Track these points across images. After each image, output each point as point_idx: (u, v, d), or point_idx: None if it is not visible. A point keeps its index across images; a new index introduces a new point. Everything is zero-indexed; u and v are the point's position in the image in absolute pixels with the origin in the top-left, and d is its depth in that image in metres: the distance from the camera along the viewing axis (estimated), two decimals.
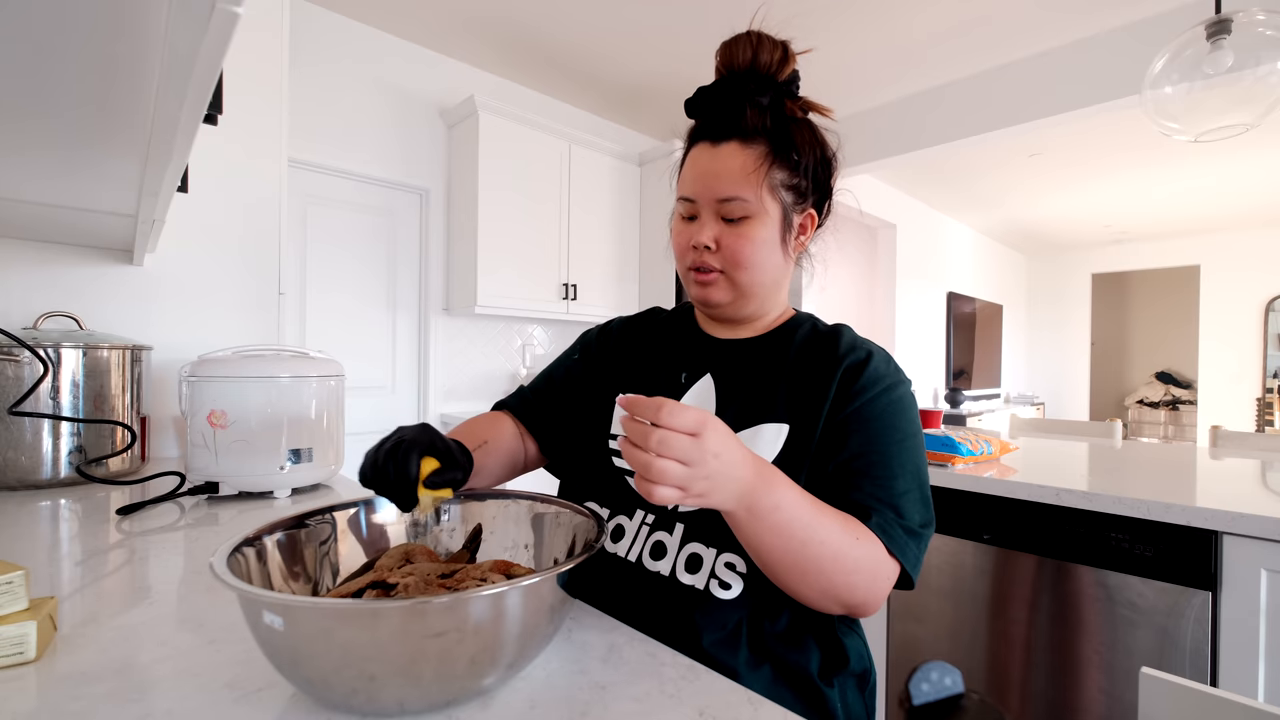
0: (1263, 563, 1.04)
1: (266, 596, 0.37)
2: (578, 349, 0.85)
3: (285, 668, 0.39)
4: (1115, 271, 7.44)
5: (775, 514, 0.51)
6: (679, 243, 0.70)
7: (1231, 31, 1.45)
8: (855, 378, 0.64)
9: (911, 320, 5.27)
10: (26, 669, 0.46)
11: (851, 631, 0.68)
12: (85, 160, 0.78)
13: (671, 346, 0.77)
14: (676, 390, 0.71)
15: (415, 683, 0.38)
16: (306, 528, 0.55)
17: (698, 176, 0.66)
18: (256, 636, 0.39)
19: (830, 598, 0.56)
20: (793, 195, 0.67)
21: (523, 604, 0.41)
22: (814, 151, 0.68)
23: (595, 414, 0.76)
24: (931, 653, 1.46)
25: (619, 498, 0.70)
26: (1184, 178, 4.79)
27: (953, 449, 1.50)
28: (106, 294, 1.38)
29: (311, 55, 2.49)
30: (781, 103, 0.67)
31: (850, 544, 0.55)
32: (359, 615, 0.37)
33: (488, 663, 0.41)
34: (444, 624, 0.38)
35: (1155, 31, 2.55)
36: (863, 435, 0.62)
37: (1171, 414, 7.80)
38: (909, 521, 0.59)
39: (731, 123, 0.65)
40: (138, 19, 0.43)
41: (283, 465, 1.03)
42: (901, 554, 0.57)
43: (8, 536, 0.80)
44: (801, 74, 0.70)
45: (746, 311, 0.72)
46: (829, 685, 0.62)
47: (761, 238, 0.65)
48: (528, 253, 2.92)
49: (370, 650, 0.37)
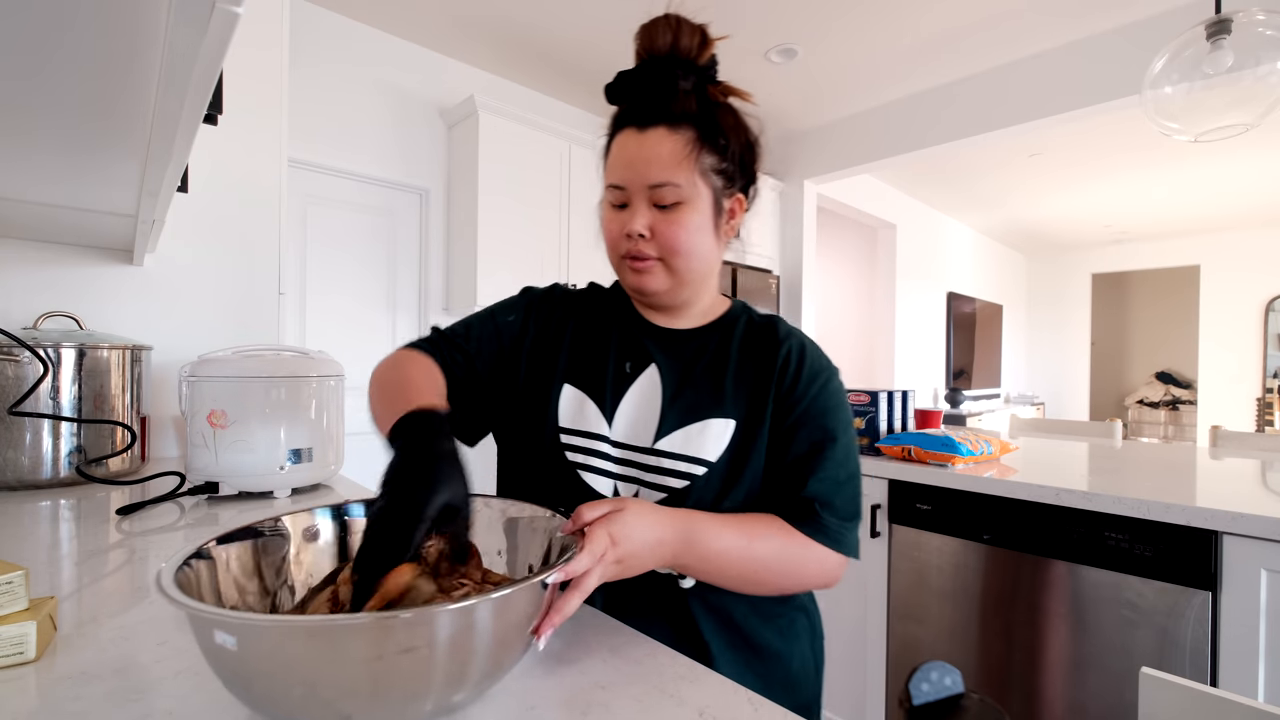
0: (1263, 563, 1.04)
1: (219, 615, 0.34)
2: (517, 311, 0.77)
3: (239, 690, 0.37)
4: (1115, 271, 7.44)
5: (705, 563, 0.58)
6: (611, 231, 0.68)
7: (1231, 31, 1.45)
8: (797, 373, 0.68)
9: (911, 320, 5.27)
10: (26, 669, 0.46)
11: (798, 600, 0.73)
12: (85, 160, 0.78)
13: (613, 332, 0.73)
14: (622, 381, 0.70)
15: (367, 704, 0.35)
16: (264, 536, 0.50)
17: (627, 163, 0.65)
18: (208, 657, 0.36)
19: (784, 591, 0.65)
20: (722, 179, 0.67)
21: (494, 617, 0.38)
22: (739, 136, 0.68)
23: (530, 396, 0.71)
24: (931, 653, 1.46)
25: (574, 493, 0.67)
26: (1184, 178, 4.79)
27: (953, 449, 1.50)
28: (106, 294, 1.38)
29: (311, 55, 2.49)
30: (704, 87, 0.66)
31: (791, 551, 0.61)
32: (304, 633, 0.34)
33: (456, 679, 0.38)
34: (407, 640, 0.35)
35: (1155, 32, 2.55)
36: (807, 432, 0.66)
37: (1171, 414, 7.80)
38: (844, 513, 0.65)
39: (657, 107, 0.64)
40: (138, 19, 0.43)
41: (283, 465, 1.03)
42: (845, 547, 0.64)
43: (8, 536, 0.80)
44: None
45: (682, 298, 0.71)
46: (788, 650, 0.68)
47: (695, 223, 0.65)
48: (528, 253, 2.92)
49: (317, 670, 0.34)
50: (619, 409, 0.68)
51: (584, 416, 0.68)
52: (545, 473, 0.68)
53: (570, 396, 0.70)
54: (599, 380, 0.70)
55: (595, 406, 0.68)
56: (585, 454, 0.67)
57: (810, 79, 3.12)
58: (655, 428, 0.66)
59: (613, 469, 0.67)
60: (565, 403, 0.69)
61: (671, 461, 0.65)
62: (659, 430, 0.66)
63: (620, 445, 0.67)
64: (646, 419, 0.67)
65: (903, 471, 1.52)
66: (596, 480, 0.66)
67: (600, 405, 0.68)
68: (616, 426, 0.68)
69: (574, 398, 0.69)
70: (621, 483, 0.66)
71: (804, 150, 3.91)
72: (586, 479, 0.66)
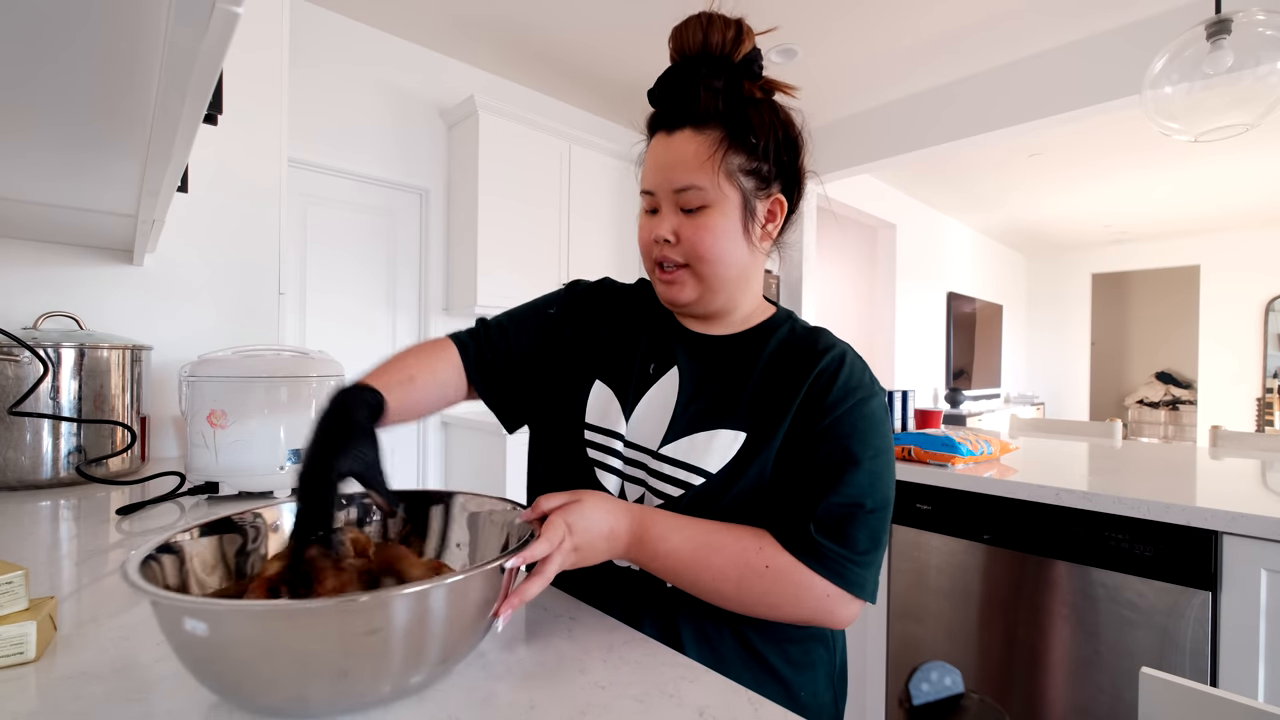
0: (1263, 563, 1.04)
1: (184, 602, 0.37)
2: (560, 304, 0.78)
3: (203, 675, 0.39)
4: (1115, 271, 7.44)
5: (655, 561, 0.57)
6: (642, 238, 0.68)
7: (1231, 31, 1.45)
8: (828, 386, 0.62)
9: (911, 320, 5.27)
10: (26, 669, 0.46)
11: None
12: (85, 160, 0.78)
13: (645, 332, 0.73)
14: (644, 381, 0.69)
15: (314, 683, 0.38)
16: (230, 531, 0.53)
17: (655, 168, 0.65)
18: (174, 644, 0.39)
19: (758, 614, 0.59)
20: (753, 180, 0.64)
21: (450, 600, 0.40)
22: (775, 133, 0.64)
23: (565, 389, 0.72)
24: (931, 653, 1.46)
25: (588, 488, 0.66)
26: (1184, 178, 4.79)
27: (953, 449, 1.50)
28: (106, 294, 1.38)
29: (311, 55, 2.49)
30: (738, 84, 0.63)
31: (762, 573, 0.57)
32: (253, 615, 0.36)
33: (414, 661, 0.40)
34: (367, 623, 0.37)
35: (1155, 32, 2.55)
36: (826, 449, 0.60)
37: (1171, 414, 7.80)
38: (856, 546, 0.58)
39: (684, 109, 0.63)
40: (138, 19, 0.43)
41: (283, 465, 1.03)
42: (850, 584, 0.58)
43: (8, 536, 0.80)
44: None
45: (715, 307, 0.68)
46: (797, 679, 0.64)
47: (721, 227, 0.63)
48: (528, 252, 2.92)
49: (276, 651, 0.37)
50: (636, 409, 0.68)
51: (607, 414, 0.68)
52: (566, 466, 0.69)
53: (599, 393, 0.70)
54: (625, 379, 0.70)
55: (618, 405, 0.68)
56: (602, 451, 0.67)
57: (810, 79, 3.12)
58: (664, 432, 0.65)
59: (622, 468, 0.66)
60: (594, 399, 0.69)
61: (672, 468, 0.63)
62: (666, 435, 0.65)
63: (631, 445, 0.67)
64: (658, 422, 0.66)
65: (903, 471, 1.52)
66: (607, 478, 0.66)
67: (622, 404, 0.68)
68: (631, 427, 0.67)
69: (602, 394, 0.69)
70: (628, 483, 0.66)
71: None
72: (600, 476, 0.66)
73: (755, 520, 0.61)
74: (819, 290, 4.92)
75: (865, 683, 1.60)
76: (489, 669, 0.48)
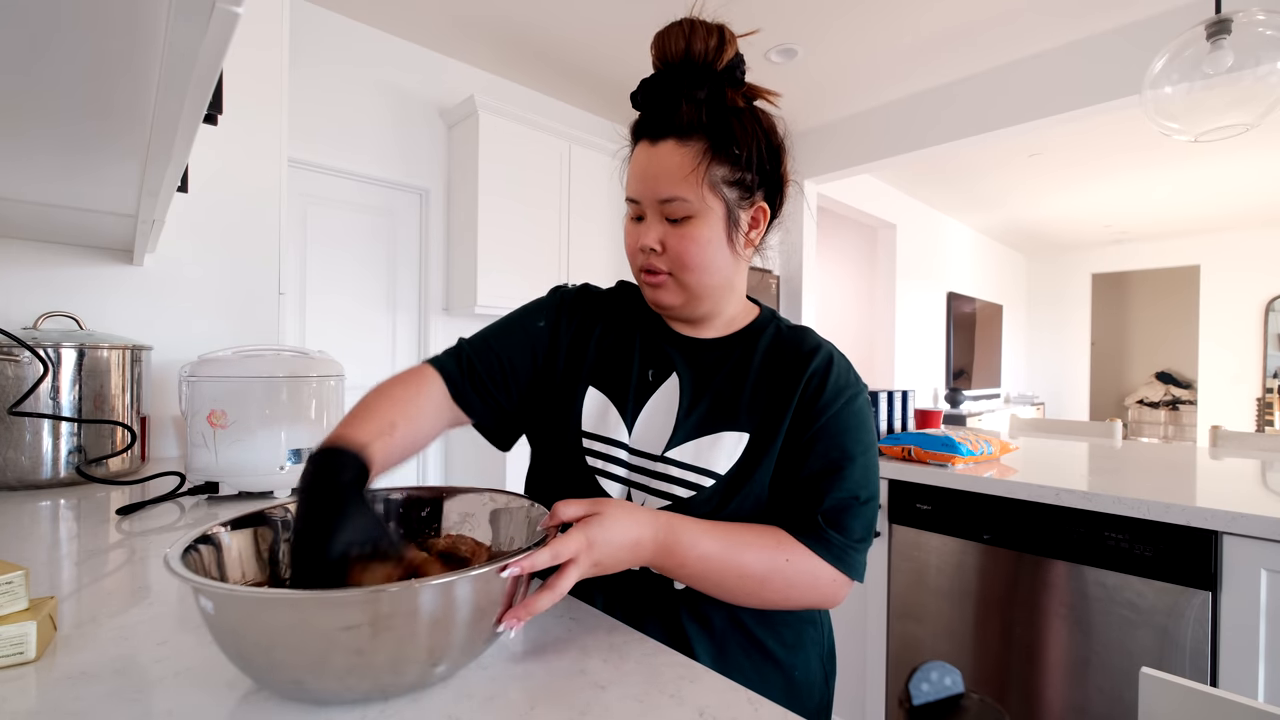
0: (1263, 563, 1.04)
1: (208, 585, 0.39)
2: (545, 315, 0.75)
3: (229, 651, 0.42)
4: (1115, 271, 7.44)
5: (685, 568, 0.57)
6: (629, 245, 0.68)
7: (1231, 31, 1.45)
8: (820, 388, 0.65)
9: (911, 320, 5.27)
10: (26, 669, 0.46)
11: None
12: (85, 160, 0.78)
13: (637, 337, 0.73)
14: (644, 389, 0.70)
15: (326, 676, 0.40)
16: (266, 523, 0.54)
17: (640, 177, 0.65)
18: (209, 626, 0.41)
19: (775, 606, 0.62)
20: (737, 191, 0.64)
21: (438, 600, 0.41)
22: (757, 142, 0.65)
23: (558, 398, 0.71)
24: (931, 653, 1.46)
25: (591, 496, 0.66)
26: (1184, 178, 4.79)
27: (953, 449, 1.50)
28: (106, 294, 1.38)
29: (311, 55, 2.49)
30: (721, 93, 0.63)
31: (784, 565, 0.59)
32: (261, 604, 0.38)
33: (395, 660, 0.41)
34: (353, 617, 0.38)
35: (1155, 32, 2.55)
36: (824, 448, 0.64)
37: (1171, 414, 7.80)
38: (854, 534, 0.63)
39: (667, 120, 0.63)
40: (138, 18, 0.43)
41: (283, 465, 1.03)
42: (847, 567, 0.62)
43: (8, 536, 0.80)
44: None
45: (700, 312, 0.70)
46: (791, 659, 0.67)
47: (706, 237, 0.63)
48: (527, 253, 2.92)
49: (279, 639, 0.39)
50: (639, 417, 0.68)
51: (605, 422, 0.68)
52: (567, 475, 0.69)
53: (594, 400, 0.70)
54: (622, 386, 0.70)
55: (617, 413, 0.69)
56: (603, 459, 0.67)
57: (810, 79, 3.12)
58: (668, 437, 0.66)
59: (625, 475, 0.67)
60: (589, 406, 0.69)
61: (680, 471, 0.64)
62: (671, 440, 0.66)
63: (634, 452, 0.67)
64: (661, 428, 0.67)
65: (903, 471, 1.52)
66: (610, 485, 0.66)
67: (622, 412, 0.68)
68: (636, 435, 0.68)
69: (597, 401, 0.70)
70: (633, 489, 0.66)
71: (804, 150, 3.91)
72: (603, 484, 0.66)
73: (760, 517, 0.64)
74: (819, 290, 4.92)
75: (865, 683, 1.60)
76: (489, 669, 0.48)
